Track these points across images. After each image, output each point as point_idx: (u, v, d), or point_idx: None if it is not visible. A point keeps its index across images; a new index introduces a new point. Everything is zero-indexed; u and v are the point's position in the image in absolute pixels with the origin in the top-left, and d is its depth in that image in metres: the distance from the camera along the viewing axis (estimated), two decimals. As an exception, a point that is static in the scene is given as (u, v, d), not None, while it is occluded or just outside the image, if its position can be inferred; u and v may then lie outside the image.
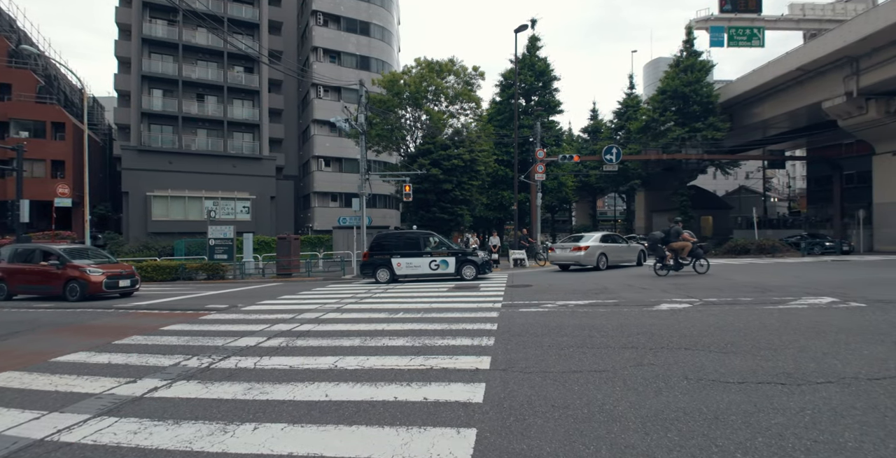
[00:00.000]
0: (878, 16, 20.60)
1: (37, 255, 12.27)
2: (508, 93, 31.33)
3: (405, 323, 6.49)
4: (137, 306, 9.94)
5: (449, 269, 14.20)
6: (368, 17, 38.39)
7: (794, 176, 60.45)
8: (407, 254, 14.20)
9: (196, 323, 7.33)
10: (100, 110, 41.53)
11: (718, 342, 4.75)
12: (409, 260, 14.12)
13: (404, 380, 3.85)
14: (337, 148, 36.41)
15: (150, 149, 30.59)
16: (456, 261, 14.22)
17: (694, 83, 30.50)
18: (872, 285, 8.93)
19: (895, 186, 24.69)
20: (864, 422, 2.72)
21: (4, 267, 12.41)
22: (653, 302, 7.60)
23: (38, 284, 12.04)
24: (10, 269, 12.32)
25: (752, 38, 32.40)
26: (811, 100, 26.13)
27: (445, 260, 14.24)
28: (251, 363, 4.60)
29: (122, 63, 32.48)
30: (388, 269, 14.07)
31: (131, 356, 5.14)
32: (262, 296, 11.21)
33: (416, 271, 14.16)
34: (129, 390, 3.91)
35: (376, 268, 14.18)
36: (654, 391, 3.39)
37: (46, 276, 11.81)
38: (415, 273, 14.21)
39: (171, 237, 26.88)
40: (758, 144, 38.50)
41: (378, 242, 14.69)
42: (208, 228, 18.81)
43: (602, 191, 47.84)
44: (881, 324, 5.36)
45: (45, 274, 11.83)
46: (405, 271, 14.16)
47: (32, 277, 12.03)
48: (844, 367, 3.78)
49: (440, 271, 14.21)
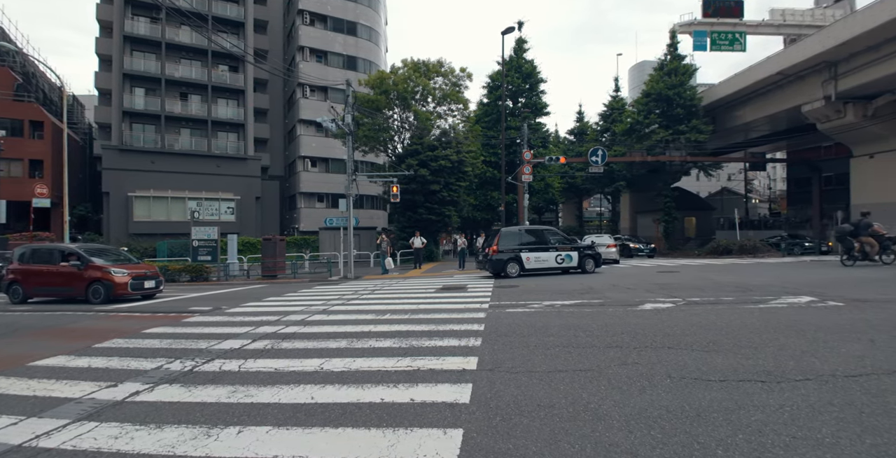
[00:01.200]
0: (856, 22, 21.13)
1: (55, 255, 11.60)
2: (496, 94, 31.48)
3: (392, 324, 6.47)
4: (118, 309, 9.76)
5: (573, 262, 14.88)
6: (355, 17, 38.25)
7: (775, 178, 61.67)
8: (535, 248, 14.62)
9: (179, 326, 7.22)
10: (80, 109, 40.69)
11: (701, 341, 4.82)
12: (537, 254, 14.50)
13: (391, 381, 3.84)
14: (323, 148, 36.18)
15: (132, 148, 30.05)
16: (578, 255, 14.96)
17: (678, 86, 30.96)
18: (849, 285, 9.15)
19: (872, 187, 25.30)
20: (840, 418, 2.79)
21: (18, 268, 11.68)
22: (637, 302, 7.69)
23: (57, 286, 11.40)
24: (25, 270, 11.61)
25: (733, 42, 32.98)
26: (791, 103, 26.69)
27: (570, 254, 14.94)
28: (235, 366, 4.55)
29: (104, 61, 31.88)
30: (518, 263, 14.31)
31: (112, 360, 5.05)
32: (247, 298, 11.08)
33: (544, 264, 14.58)
34: (110, 394, 3.84)
35: (506, 263, 14.25)
36: (638, 389, 3.43)
37: (67, 277, 11.16)
38: (542, 267, 14.62)
39: (153, 238, 26.42)
40: (740, 146, 39.21)
41: (505, 237, 14.87)
42: (192, 229, 18.51)
43: (588, 192, 48.26)
44: (858, 322, 5.50)
45: (65, 275, 11.18)
46: (533, 266, 14.51)
47: (51, 278, 11.35)
48: (822, 365, 3.87)
49: (565, 265, 14.83)
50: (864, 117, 24.03)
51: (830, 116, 24.99)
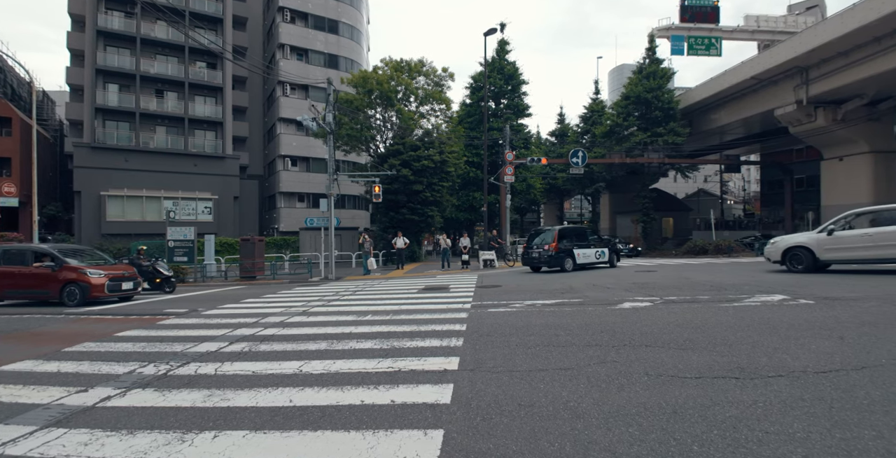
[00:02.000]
0: (826, 29, 21.83)
1: (28, 256, 11.19)
2: (478, 95, 31.59)
3: (373, 325, 6.42)
4: (91, 312, 9.48)
5: (605, 257, 16.68)
6: (337, 16, 37.94)
7: (749, 180, 63.31)
8: (581, 245, 16.16)
9: (153, 328, 7.05)
10: (50, 105, 39.44)
11: (677, 339, 4.91)
12: (583, 251, 16.08)
13: (371, 383, 3.81)
14: (304, 147, 35.76)
15: (105, 146, 29.23)
16: (609, 251, 16.87)
17: (656, 90, 31.54)
18: (819, 284, 9.42)
19: (841, 189, 26.16)
20: (811, 413, 2.86)
21: None
22: (616, 301, 7.79)
23: (30, 288, 10.99)
24: None
25: (710, 47, 33.79)
26: (764, 107, 27.44)
27: (603, 251, 16.75)
28: (212, 369, 4.46)
29: (76, 56, 30.95)
30: (572, 259, 15.69)
31: (82, 364, 4.89)
32: (225, 299, 10.88)
33: (588, 260, 16.11)
34: (80, 399, 3.72)
35: (564, 258, 15.65)
36: (616, 387, 3.47)
37: (40, 279, 10.80)
38: (587, 262, 16.13)
39: (127, 239, 25.74)
40: (715, 148, 40.16)
41: (561, 235, 16.22)
42: (167, 229, 18.11)
43: (569, 193, 48.82)
44: (827, 320, 5.66)
45: (38, 277, 10.82)
46: (581, 261, 15.95)
47: (23, 280, 10.96)
48: (794, 361, 3.97)
49: (601, 260, 16.63)
50: (834, 121, 24.83)
51: (802, 120, 25.76)
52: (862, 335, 4.80)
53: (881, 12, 18.90)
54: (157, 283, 13.51)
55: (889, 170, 23.91)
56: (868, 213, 11.60)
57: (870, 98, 23.40)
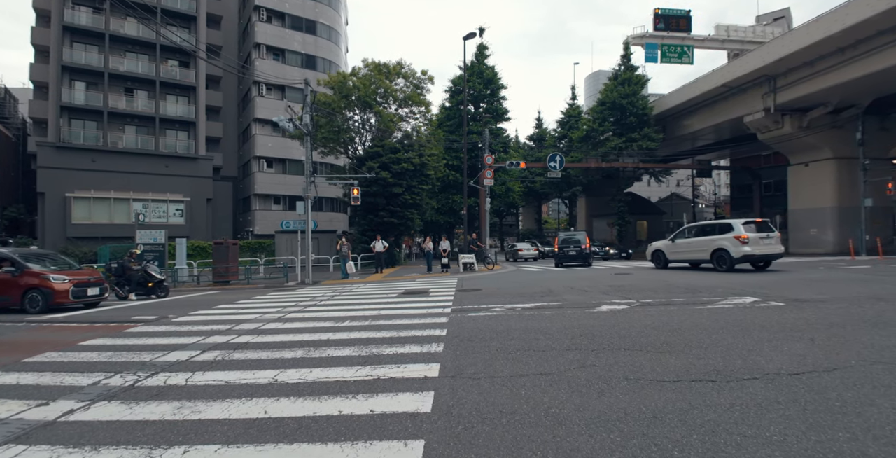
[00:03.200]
0: (793, 39, 22.65)
1: None
2: (458, 99, 31.69)
3: (352, 332, 6.31)
4: (54, 319, 9.08)
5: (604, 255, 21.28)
6: (315, 16, 37.55)
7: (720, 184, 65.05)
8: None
9: (121, 337, 6.78)
10: (13, 103, 37.91)
11: (655, 342, 4.96)
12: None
13: (350, 392, 3.72)
14: (280, 149, 35.21)
15: (71, 146, 28.19)
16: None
17: (631, 96, 32.20)
18: (789, 285, 9.71)
19: (807, 194, 27.14)
20: (787, 416, 2.91)
21: None
22: (594, 304, 7.86)
23: None
24: None
25: (682, 55, 34.64)
26: (734, 114, 28.28)
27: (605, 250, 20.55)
28: (182, 380, 4.29)
29: (40, 52, 29.79)
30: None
31: (44, 376, 4.66)
32: (197, 305, 10.57)
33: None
34: (41, 413, 3.53)
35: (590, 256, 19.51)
36: (596, 392, 3.48)
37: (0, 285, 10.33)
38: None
39: (94, 242, 24.84)
40: (688, 154, 41.19)
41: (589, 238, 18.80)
42: (136, 232, 17.54)
43: (547, 196, 49.37)
44: (798, 322, 5.82)
45: None
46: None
47: None
48: (768, 363, 4.05)
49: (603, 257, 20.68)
50: (800, 128, 25.76)
51: (770, 127, 26.64)
52: (831, 337, 4.94)
53: (845, 24, 19.71)
54: (148, 287, 13.02)
55: (852, 175, 24.89)
56: (693, 227, 16.06)
57: (834, 106, 24.37)
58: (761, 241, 14.07)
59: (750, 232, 13.77)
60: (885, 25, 18.98)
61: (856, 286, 9.32)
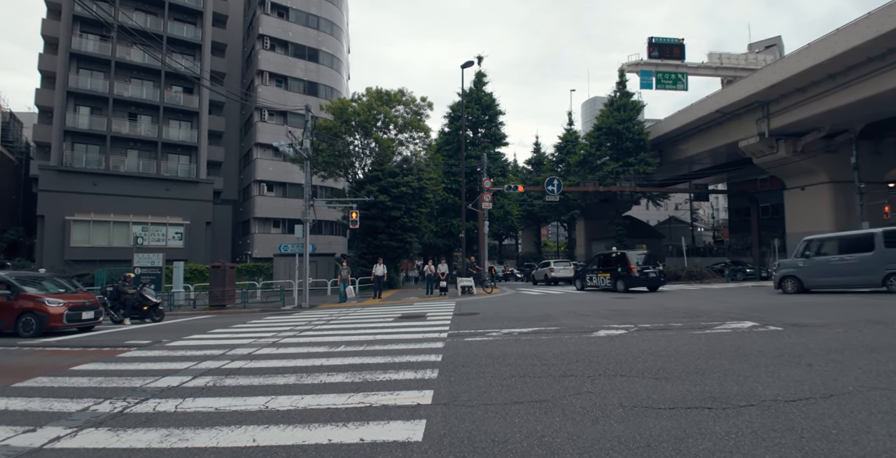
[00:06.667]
0: (784, 66, 23.19)
1: None
2: (456, 124, 32.22)
3: (346, 357, 6.24)
4: (47, 343, 8.97)
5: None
6: (317, 45, 38.54)
7: (718, 208, 65.45)
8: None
9: (112, 361, 6.70)
10: (17, 127, 38.47)
11: (651, 368, 4.91)
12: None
13: (340, 420, 3.66)
14: (281, 172, 35.54)
15: (73, 169, 28.45)
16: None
17: (626, 121, 32.75)
18: (787, 310, 9.66)
19: (804, 217, 27.24)
20: (782, 444, 2.86)
21: None
22: (591, 329, 7.80)
23: None
24: None
25: (676, 82, 35.44)
26: (730, 139, 28.68)
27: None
28: (172, 406, 4.22)
29: (46, 78, 30.43)
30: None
31: (32, 401, 4.58)
32: (191, 330, 10.47)
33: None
34: (27, 440, 3.46)
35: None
36: (591, 420, 3.42)
37: None
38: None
39: (92, 265, 24.79)
40: (685, 178, 41.60)
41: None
42: (134, 255, 17.52)
43: (545, 219, 49.52)
44: (796, 347, 5.77)
45: None
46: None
47: None
48: (764, 390, 4.00)
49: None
50: (795, 153, 26.08)
51: (765, 152, 26.98)
52: (829, 362, 4.89)
53: (835, 51, 20.22)
54: (143, 311, 12.90)
55: (848, 199, 25.06)
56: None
57: (827, 131, 24.74)
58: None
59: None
60: (874, 53, 19.48)
61: (855, 310, 9.28)
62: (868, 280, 13.02)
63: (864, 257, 12.98)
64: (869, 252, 12.96)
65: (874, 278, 12.82)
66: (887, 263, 12.54)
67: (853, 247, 13.49)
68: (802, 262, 14.33)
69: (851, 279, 13.46)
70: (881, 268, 12.63)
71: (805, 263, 14.24)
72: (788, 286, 14.52)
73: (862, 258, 13.04)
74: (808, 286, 14.25)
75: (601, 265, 20.00)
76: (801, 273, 14.30)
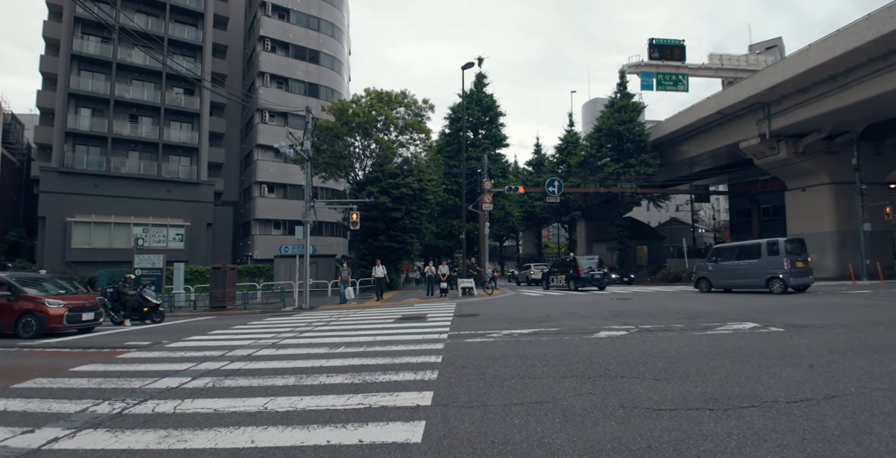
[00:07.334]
0: (785, 67, 23.15)
1: None
2: (457, 126, 32.20)
3: (346, 358, 6.23)
4: (47, 344, 8.97)
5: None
6: (318, 46, 38.58)
7: (719, 209, 65.34)
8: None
9: (112, 363, 6.69)
10: (19, 128, 38.52)
11: (652, 369, 4.89)
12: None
13: (339, 421, 3.64)
14: (281, 174, 35.55)
15: (74, 171, 28.48)
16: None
17: (627, 123, 32.71)
18: (788, 311, 9.62)
19: (806, 218, 27.17)
20: (784, 445, 2.84)
21: None
22: (592, 330, 7.78)
23: None
24: None
25: (677, 83, 35.42)
26: (730, 140, 28.62)
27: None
28: (170, 407, 4.21)
29: (48, 79, 30.48)
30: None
31: (31, 402, 4.57)
32: (191, 331, 10.46)
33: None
34: (25, 441, 3.45)
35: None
36: (591, 421, 3.41)
37: None
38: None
39: (93, 267, 24.80)
40: (685, 179, 41.53)
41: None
42: (134, 257, 17.52)
43: (546, 221, 49.49)
44: (798, 348, 5.75)
45: None
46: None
47: None
48: (766, 391, 3.98)
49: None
50: (796, 154, 26.01)
51: (766, 153, 26.92)
52: (830, 363, 4.87)
53: (836, 52, 20.17)
54: (144, 312, 12.89)
55: (849, 200, 24.99)
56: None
57: (828, 132, 24.69)
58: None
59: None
60: (875, 53, 19.44)
61: (856, 311, 9.25)
62: (756, 282, 15.10)
63: (753, 263, 15.22)
64: (756, 259, 15.18)
65: (759, 280, 14.95)
66: (769, 268, 14.71)
67: (746, 254, 15.75)
68: (711, 266, 16.72)
69: (744, 281, 15.63)
70: (764, 272, 14.80)
71: (713, 267, 16.65)
72: (703, 286, 16.91)
73: (751, 264, 15.29)
74: (715, 287, 16.56)
75: (559, 268, 23.07)
76: (710, 276, 16.68)
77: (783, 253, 14.56)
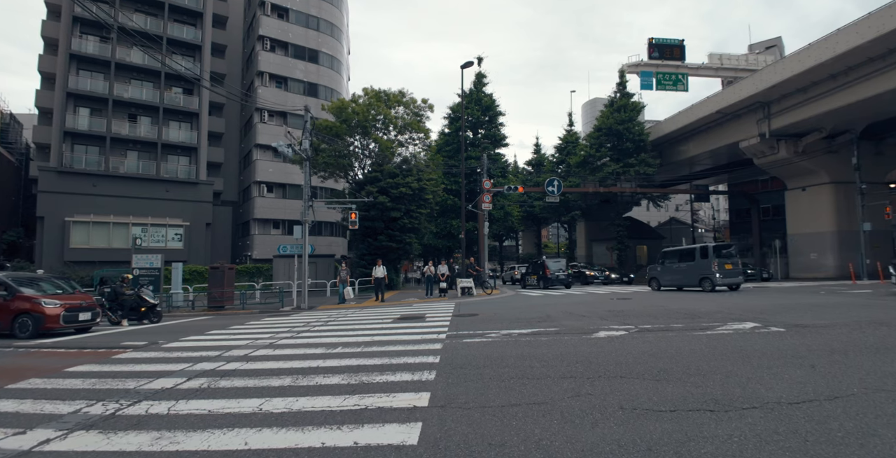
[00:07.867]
0: (786, 66, 23.12)
1: None
2: (456, 125, 32.14)
3: (343, 359, 6.17)
4: (42, 344, 8.92)
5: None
6: (317, 46, 38.51)
7: (718, 209, 65.29)
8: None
9: (107, 363, 6.63)
10: (17, 128, 38.46)
11: (652, 369, 4.84)
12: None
13: (335, 423, 3.59)
14: (281, 173, 35.48)
15: (72, 170, 28.40)
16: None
17: (627, 122, 32.66)
18: (789, 311, 9.58)
19: (806, 218, 27.15)
20: (786, 447, 2.79)
21: None
22: (591, 330, 7.73)
23: None
24: None
25: (677, 83, 35.39)
26: (730, 140, 28.60)
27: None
28: (164, 409, 4.16)
29: (46, 79, 30.40)
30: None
31: (24, 403, 4.52)
32: (188, 331, 10.41)
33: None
34: (16, 443, 3.40)
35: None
36: (590, 422, 3.35)
37: None
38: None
39: (91, 267, 24.73)
40: (685, 179, 41.49)
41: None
42: (132, 257, 17.45)
43: (546, 221, 49.40)
44: (799, 348, 5.69)
45: None
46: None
47: None
48: (767, 392, 3.93)
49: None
50: (796, 153, 25.99)
51: (765, 152, 26.89)
52: (833, 363, 4.82)
53: (836, 51, 20.15)
54: (141, 312, 12.83)
55: (849, 200, 24.98)
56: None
57: (828, 132, 24.67)
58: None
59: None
60: (874, 53, 19.42)
61: (857, 311, 9.20)
62: (692, 281, 17.49)
63: (690, 265, 17.68)
64: (692, 261, 17.53)
65: (694, 280, 17.34)
66: (701, 269, 17.02)
67: (685, 257, 18.20)
68: (660, 267, 19.28)
69: (683, 280, 18.07)
70: (697, 273, 17.19)
71: (661, 268, 19.17)
72: (654, 285, 19.33)
73: (689, 265, 17.72)
74: (663, 285, 18.94)
75: (533, 269, 25.97)
76: (659, 276, 19.13)
77: (712, 257, 16.73)
